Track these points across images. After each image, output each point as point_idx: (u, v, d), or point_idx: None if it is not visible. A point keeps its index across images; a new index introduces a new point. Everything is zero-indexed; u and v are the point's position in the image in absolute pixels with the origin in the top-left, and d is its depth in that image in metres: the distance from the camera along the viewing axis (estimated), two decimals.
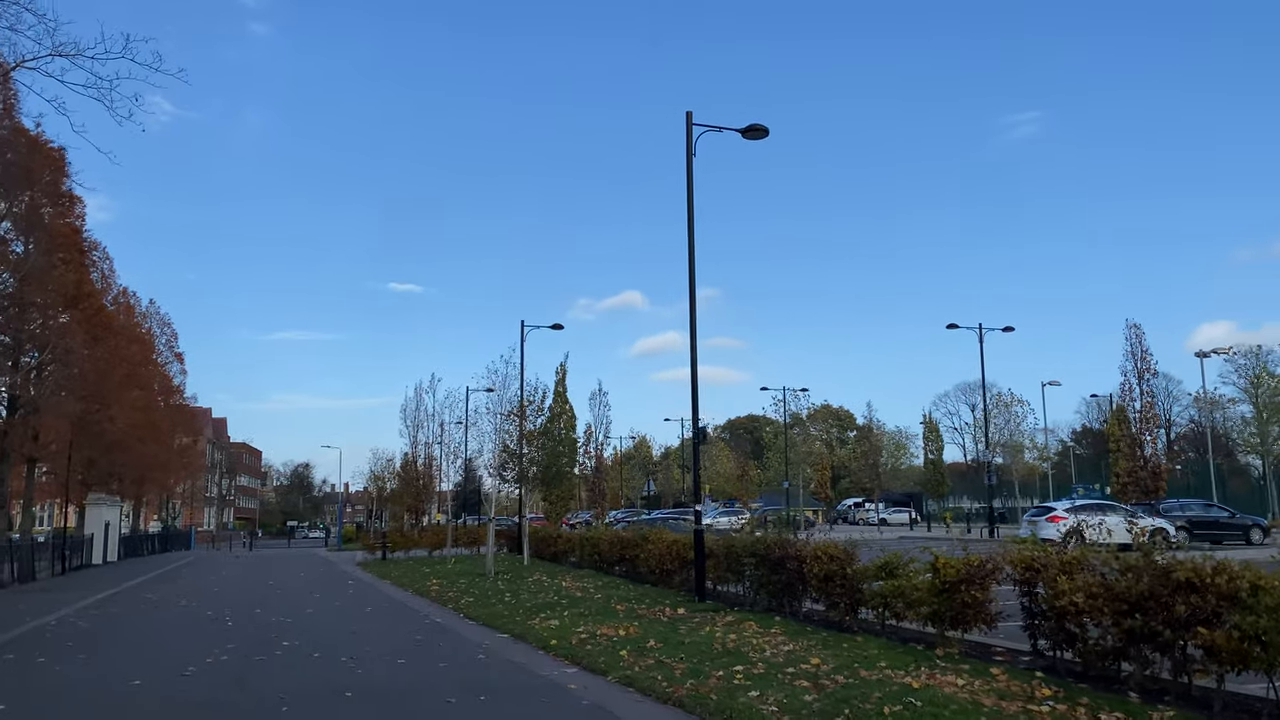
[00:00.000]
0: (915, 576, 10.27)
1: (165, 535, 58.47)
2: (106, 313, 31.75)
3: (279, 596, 19.66)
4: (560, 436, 58.62)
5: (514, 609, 14.93)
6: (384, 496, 48.62)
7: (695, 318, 15.63)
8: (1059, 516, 26.07)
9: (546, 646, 11.05)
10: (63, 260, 25.81)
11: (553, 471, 29.03)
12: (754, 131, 16.27)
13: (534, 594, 17.32)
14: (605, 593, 16.90)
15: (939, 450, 71.62)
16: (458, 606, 16.26)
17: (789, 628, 11.47)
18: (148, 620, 15.23)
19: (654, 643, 10.59)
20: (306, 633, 12.98)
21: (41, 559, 27.89)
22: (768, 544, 13.30)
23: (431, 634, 12.85)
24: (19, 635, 13.43)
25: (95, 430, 29.51)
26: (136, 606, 17.90)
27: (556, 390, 60.88)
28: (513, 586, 19.23)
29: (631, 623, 12.50)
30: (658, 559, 18.11)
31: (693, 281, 15.75)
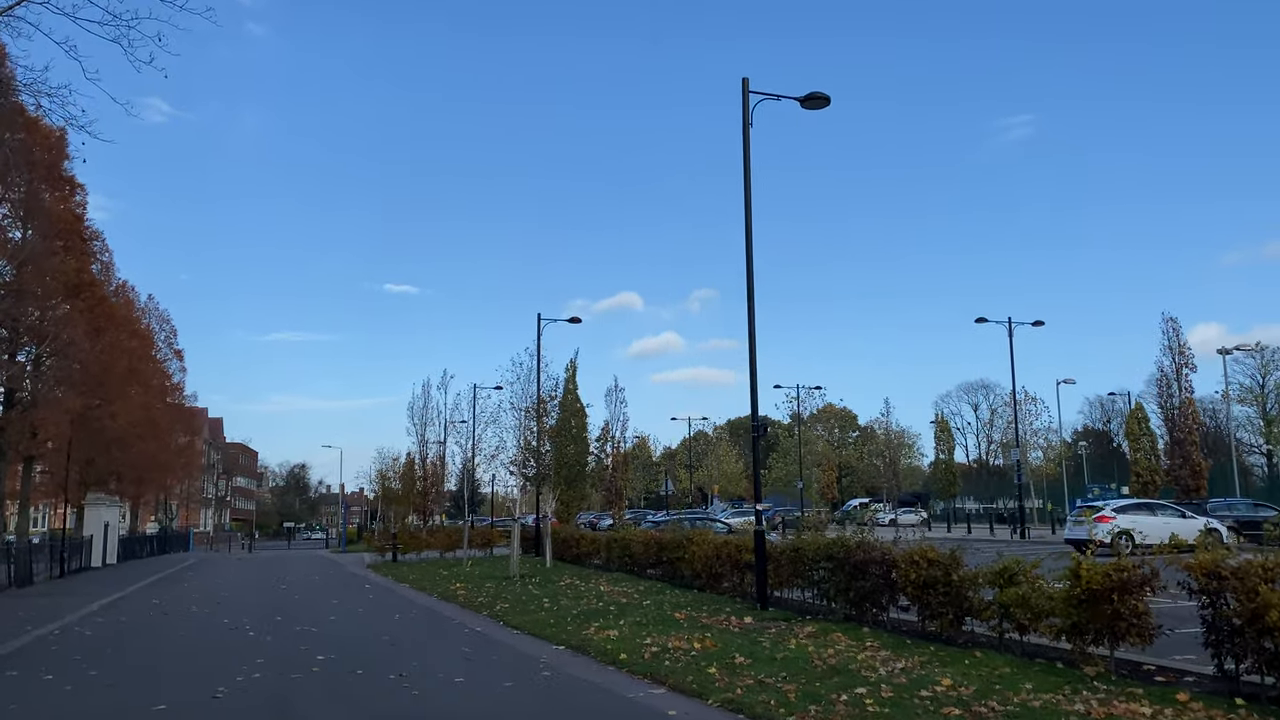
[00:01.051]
0: (1038, 582, 9.11)
1: (163, 537, 57.09)
2: (109, 303, 30.41)
3: (295, 602, 18.43)
4: (573, 435, 57.74)
5: (559, 616, 13.72)
6: (390, 497, 47.38)
7: (753, 304, 14.45)
8: (1107, 517, 24.94)
9: (616, 662, 9.85)
10: (63, 247, 24.53)
11: (575, 470, 27.84)
12: (814, 100, 15.11)
13: (573, 599, 16.11)
14: (652, 598, 15.69)
15: (950, 450, 70.56)
16: (493, 613, 15.05)
17: (884, 640, 10.29)
18: (160, 629, 13.99)
19: (740, 658, 9.39)
20: (339, 644, 11.76)
21: (39, 561, 26.58)
22: (847, 546, 12.11)
23: (478, 646, 11.64)
24: (21, 647, 12.19)
25: (96, 427, 28.22)
26: (145, 613, 16.64)
27: (567, 388, 59.91)
28: (546, 591, 18.01)
29: (701, 633, 11.30)
30: (704, 562, 16.93)
31: (750, 264, 14.57)
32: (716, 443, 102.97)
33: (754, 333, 14.43)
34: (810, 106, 15.21)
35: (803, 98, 15.14)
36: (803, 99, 15.14)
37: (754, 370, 14.37)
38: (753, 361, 14.39)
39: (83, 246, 27.61)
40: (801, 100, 15.14)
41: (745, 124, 14.82)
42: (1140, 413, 52.56)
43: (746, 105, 14.86)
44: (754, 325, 14.43)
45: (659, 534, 21.23)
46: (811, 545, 13.08)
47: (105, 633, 13.64)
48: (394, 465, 57.70)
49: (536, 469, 26.99)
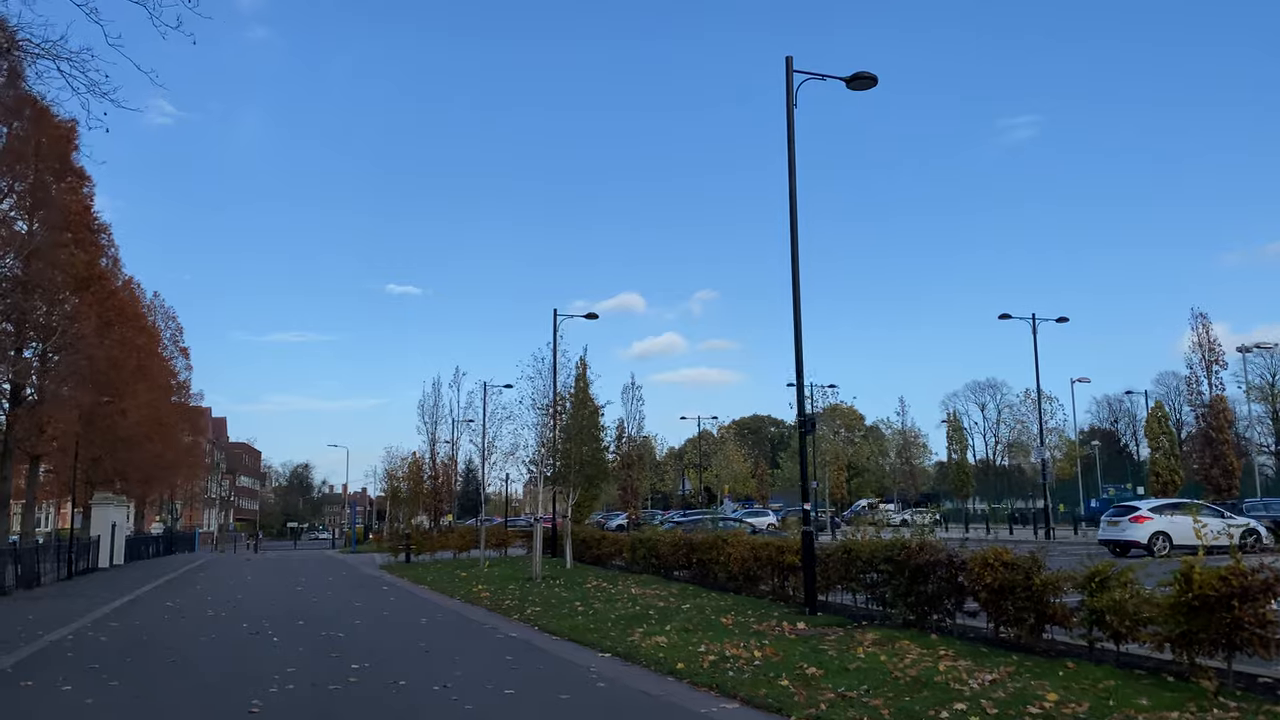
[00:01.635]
0: (1136, 587, 8.45)
1: (169, 538, 56.44)
2: (119, 297, 29.71)
3: (315, 605, 17.77)
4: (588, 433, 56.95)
5: (598, 621, 13.06)
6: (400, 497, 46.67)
7: (799, 291, 13.79)
8: (1144, 517, 24.25)
9: (674, 671, 9.19)
10: (73, 239, 23.86)
11: (596, 468, 27.12)
12: (860, 80, 14.44)
13: (606, 603, 15.45)
14: (690, 602, 15.03)
15: (962, 450, 69.86)
16: (525, 617, 14.40)
17: (958, 648, 9.62)
18: (179, 635, 13.33)
19: (810, 668, 8.73)
20: (370, 651, 11.10)
21: (46, 562, 25.92)
22: (908, 548, 11.44)
23: (519, 653, 10.97)
24: (35, 654, 11.53)
25: (105, 424, 27.55)
26: (160, 617, 15.99)
27: (578, 385, 59.18)
28: (574, 594, 17.35)
29: (756, 640, 10.64)
30: (741, 564, 16.27)
31: (795, 251, 13.90)
32: (722, 443, 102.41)
33: (799, 326, 13.77)
34: (856, 87, 14.56)
35: (848, 78, 14.48)
36: (848, 79, 14.49)
37: (800, 364, 13.71)
38: (799, 356, 13.73)
39: (92, 239, 26.93)
40: (847, 80, 14.49)
41: (789, 105, 14.16)
42: (1160, 411, 51.99)
43: (790, 85, 14.19)
44: (799, 318, 13.78)
45: (689, 535, 20.57)
46: (866, 546, 12.41)
47: (122, 638, 12.99)
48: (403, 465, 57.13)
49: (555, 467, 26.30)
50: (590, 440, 25.87)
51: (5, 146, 22.38)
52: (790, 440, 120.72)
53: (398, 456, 50.54)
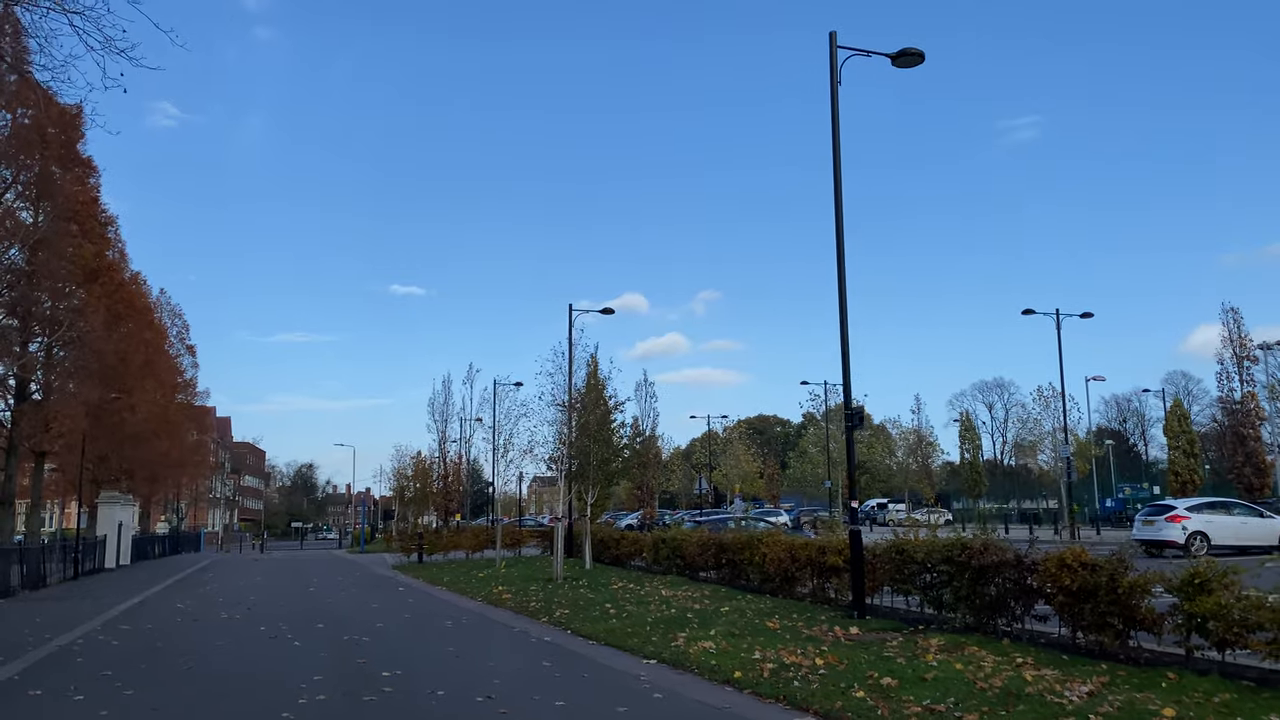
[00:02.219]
0: (1237, 590, 7.78)
1: (175, 537, 55.84)
2: (127, 289, 29.03)
3: (331, 607, 17.13)
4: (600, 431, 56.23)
5: (635, 625, 12.37)
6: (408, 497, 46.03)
7: (844, 276, 13.11)
8: (1180, 516, 23.53)
9: (731, 680, 8.52)
10: (80, 230, 23.21)
11: (614, 466, 26.41)
12: (906, 57, 13.77)
13: (638, 605, 14.77)
14: (728, 604, 14.35)
15: (975, 449, 69.07)
16: (554, 620, 13.73)
17: (1036, 655, 8.94)
18: (194, 639, 12.68)
19: (885, 678, 8.05)
20: (398, 656, 10.45)
21: (52, 562, 25.30)
22: (969, 547, 10.76)
23: (557, 659, 10.31)
24: (43, 660, 10.88)
25: (114, 421, 26.90)
26: (172, 620, 15.34)
27: (589, 383, 58.43)
28: (601, 595, 16.67)
29: (813, 646, 9.97)
30: (777, 565, 15.57)
31: (840, 234, 13.22)
32: (728, 443, 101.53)
33: (845, 315, 13.10)
34: (902, 65, 13.90)
35: (894, 54, 13.81)
36: (894, 55, 13.81)
37: (845, 354, 13.04)
38: (844, 345, 13.06)
39: (100, 230, 26.27)
40: (893, 57, 13.82)
41: (833, 81, 13.49)
42: (1179, 410, 51.22)
43: (834, 61, 13.53)
44: (845, 307, 13.11)
45: (717, 535, 19.90)
46: (922, 546, 11.73)
47: (134, 643, 12.33)
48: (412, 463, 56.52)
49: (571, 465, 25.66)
50: (607, 437, 25.16)
51: (9, 135, 21.75)
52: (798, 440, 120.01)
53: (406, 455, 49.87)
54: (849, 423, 12.92)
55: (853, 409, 12.80)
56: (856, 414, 12.76)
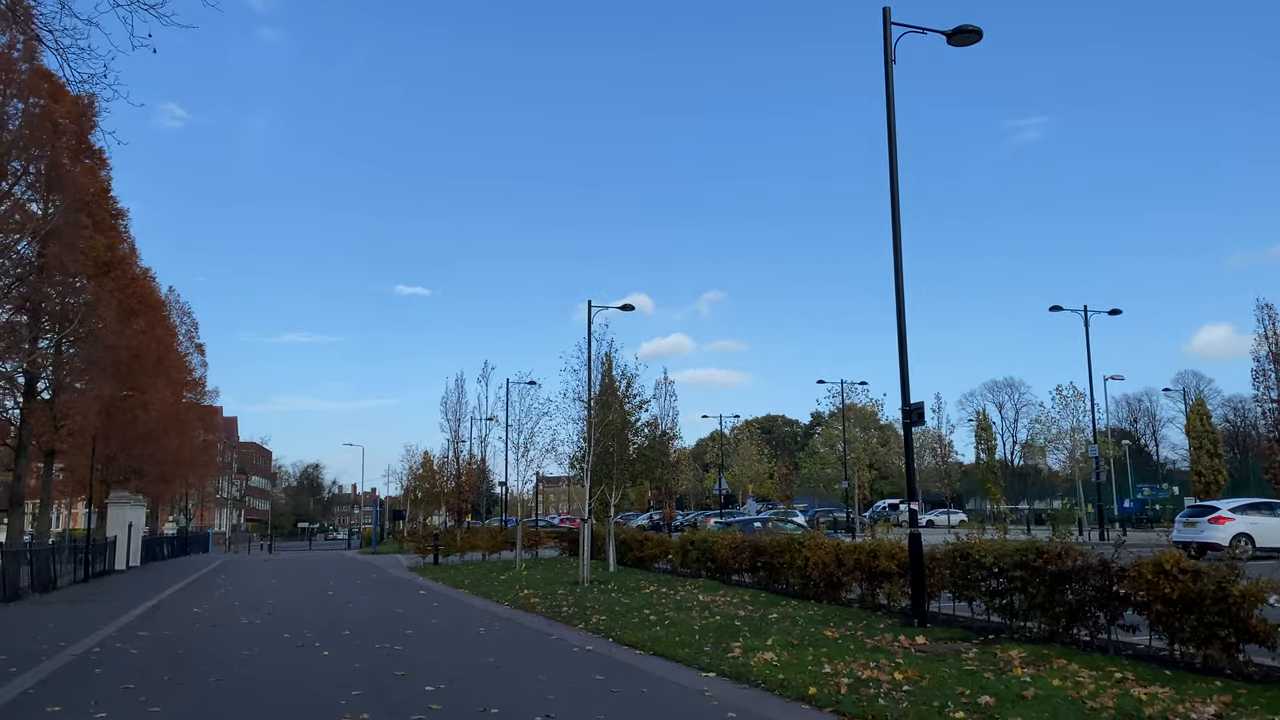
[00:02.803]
0: None
1: (183, 538, 55.27)
2: (140, 283, 28.37)
3: (354, 612, 16.47)
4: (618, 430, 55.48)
5: (682, 633, 11.70)
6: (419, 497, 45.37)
7: (901, 265, 12.44)
8: (1224, 518, 22.81)
9: (806, 698, 7.84)
10: (91, 222, 22.56)
11: (640, 466, 25.71)
12: (962, 34, 13.09)
13: (678, 610, 14.11)
14: (775, 610, 13.69)
15: (990, 449, 68.31)
16: (591, 627, 13.06)
17: (1136, 670, 8.26)
18: (217, 647, 12.03)
19: (983, 696, 7.36)
20: (437, 668, 9.80)
21: (61, 563, 24.66)
22: (1046, 552, 10.08)
23: (608, 671, 9.64)
24: (59, 670, 10.23)
25: (126, 419, 26.27)
26: (190, 626, 14.69)
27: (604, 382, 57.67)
28: (635, 600, 16.01)
29: (885, 657, 9.29)
30: (821, 569, 14.90)
31: (896, 219, 12.55)
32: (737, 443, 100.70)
33: (902, 306, 12.42)
34: (958, 43, 13.22)
35: (950, 31, 13.14)
36: (950, 33, 13.14)
37: (903, 344, 12.36)
38: (902, 335, 12.39)
39: (111, 222, 25.65)
40: (949, 35, 13.15)
41: (887, 60, 12.82)
42: (1201, 408, 50.39)
43: (888, 39, 12.87)
44: (902, 296, 12.43)
45: (752, 537, 19.24)
46: (990, 549, 11.04)
47: (154, 651, 11.68)
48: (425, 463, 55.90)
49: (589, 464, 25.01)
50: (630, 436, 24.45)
51: (20, 124, 21.15)
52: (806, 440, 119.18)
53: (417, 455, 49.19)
54: (908, 420, 12.24)
55: (911, 405, 12.12)
56: (915, 410, 12.08)
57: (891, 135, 12.76)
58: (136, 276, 28.24)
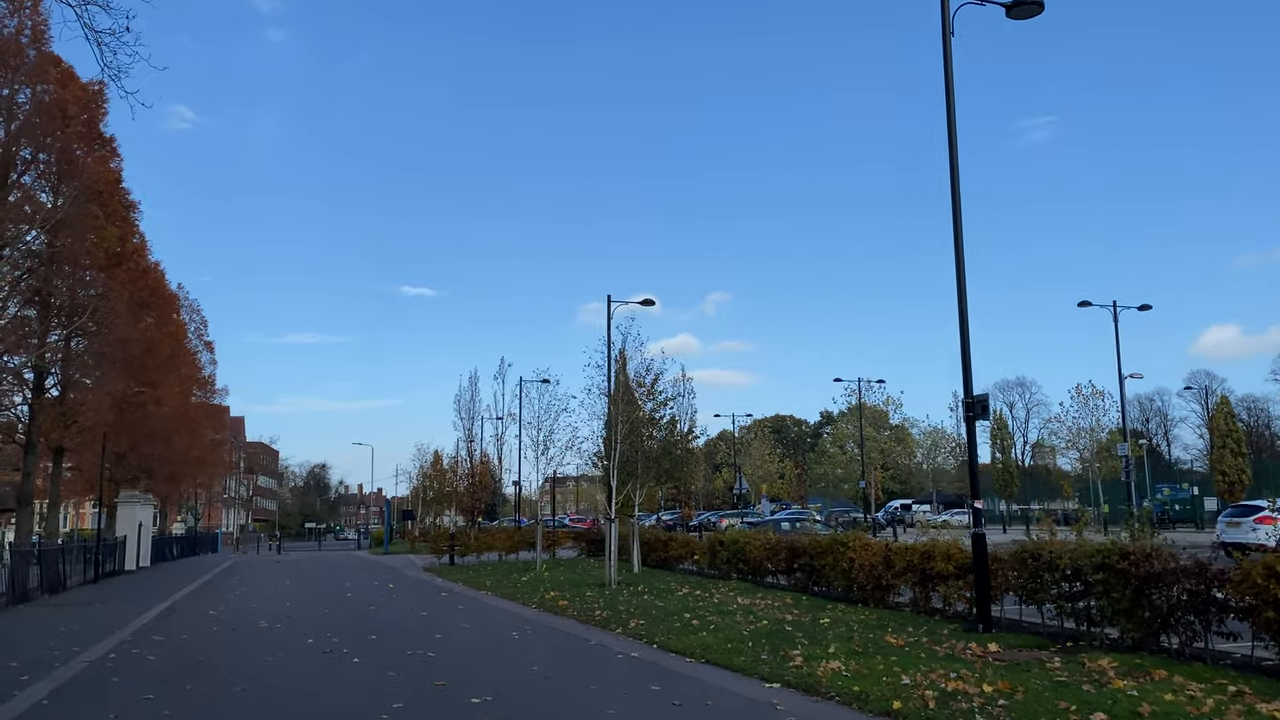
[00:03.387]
0: None
1: (192, 538, 54.69)
2: (152, 276, 27.73)
3: (376, 615, 15.82)
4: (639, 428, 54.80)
5: (733, 639, 11.00)
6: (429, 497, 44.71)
7: (961, 249, 11.75)
8: (1271, 518, 22.05)
9: (890, 712, 7.17)
10: (103, 212, 21.92)
11: (666, 464, 24.98)
12: (1022, 6, 12.40)
13: (720, 614, 13.42)
14: (825, 615, 12.99)
15: (1006, 449, 67.46)
16: (630, 631, 12.39)
17: (1248, 682, 7.57)
18: (238, 653, 11.38)
19: (1094, 713, 6.67)
20: (479, 677, 9.14)
21: (71, 564, 24.03)
22: (1131, 553, 9.38)
23: (662, 680, 8.96)
24: (74, 679, 9.59)
25: (139, 415, 25.61)
26: (208, 630, 14.03)
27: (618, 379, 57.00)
28: (670, 603, 15.33)
29: (964, 668, 8.60)
30: (868, 571, 14.21)
31: (956, 200, 11.87)
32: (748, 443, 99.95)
33: (963, 291, 11.74)
34: (1017, 16, 12.53)
35: (1010, 3, 12.44)
36: (1009, 5, 12.45)
37: (965, 330, 11.67)
38: (963, 322, 11.70)
39: (123, 213, 25.00)
40: (1008, 7, 12.45)
41: (945, 31, 12.16)
42: (1226, 406, 49.58)
43: (946, 11, 12.18)
44: (963, 280, 11.74)
45: (788, 537, 18.55)
46: (1065, 550, 10.34)
47: (172, 657, 11.03)
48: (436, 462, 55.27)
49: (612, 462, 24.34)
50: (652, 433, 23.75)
51: (28, 112, 20.55)
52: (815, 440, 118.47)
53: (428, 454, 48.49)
54: (970, 413, 11.55)
55: (974, 398, 11.43)
56: (979, 403, 11.39)
57: (950, 112, 12.09)
58: (149, 269, 27.60)
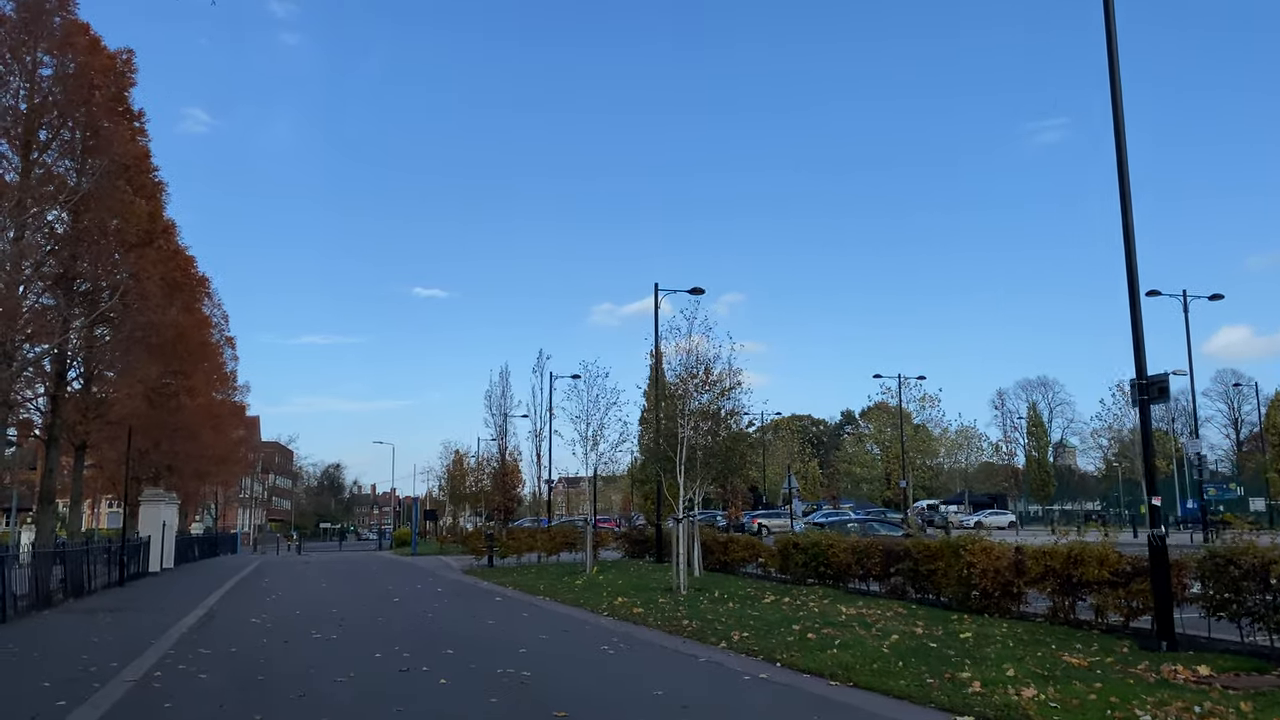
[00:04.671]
0: None
1: (213, 538, 53.43)
2: (183, 256, 26.27)
3: (439, 623, 14.40)
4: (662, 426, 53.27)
5: (873, 657, 9.50)
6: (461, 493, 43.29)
7: (1129, 206, 10.21)
8: None
9: None
10: (131, 187, 20.52)
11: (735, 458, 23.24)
12: None
13: (835, 626, 11.90)
14: (963, 629, 11.47)
15: (1043, 448, 65.66)
16: (737, 646, 10.91)
17: None
18: (299, 668, 9.94)
19: None
20: (598, 705, 7.72)
21: (95, 565, 22.64)
22: None
23: (824, 712, 7.47)
24: (120, 704, 8.15)
25: (171, 406, 24.18)
26: (256, 640, 12.58)
27: (652, 377, 55.41)
28: (768, 613, 13.82)
29: (1195, 697, 7.09)
30: (993, 577, 12.69)
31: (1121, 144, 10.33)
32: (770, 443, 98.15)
33: (1133, 258, 10.20)
34: None
35: None
36: None
37: (1135, 306, 10.15)
38: (1133, 296, 10.17)
39: (153, 190, 23.56)
40: None
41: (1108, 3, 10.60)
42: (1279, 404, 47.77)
43: None
44: (1132, 242, 10.21)
45: (883, 539, 17.06)
46: (1272, 556, 8.81)
47: (226, 675, 9.60)
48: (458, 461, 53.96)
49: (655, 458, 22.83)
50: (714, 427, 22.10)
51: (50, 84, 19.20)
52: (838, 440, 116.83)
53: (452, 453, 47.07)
54: (1145, 396, 10.00)
55: (1150, 379, 9.90)
56: (1156, 385, 9.86)
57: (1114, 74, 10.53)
58: (180, 249, 26.19)
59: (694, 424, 19.56)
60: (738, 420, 25.80)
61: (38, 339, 19.47)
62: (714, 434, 22.03)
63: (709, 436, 21.74)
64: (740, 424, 24.87)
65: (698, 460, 21.97)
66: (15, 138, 18.79)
